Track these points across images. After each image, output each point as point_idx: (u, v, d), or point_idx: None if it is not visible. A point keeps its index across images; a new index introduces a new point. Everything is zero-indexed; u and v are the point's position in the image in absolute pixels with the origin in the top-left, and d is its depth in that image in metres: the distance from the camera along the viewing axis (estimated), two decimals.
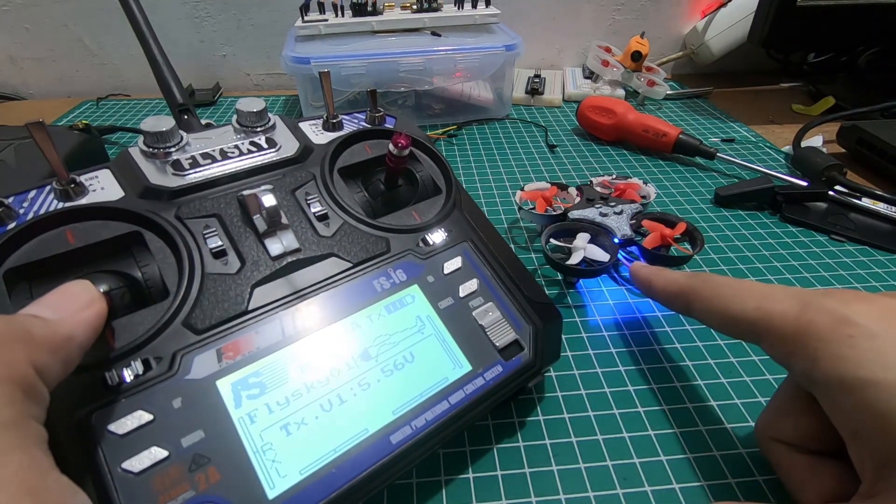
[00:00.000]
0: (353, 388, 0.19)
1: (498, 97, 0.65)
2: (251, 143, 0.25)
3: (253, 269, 0.21)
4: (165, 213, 0.21)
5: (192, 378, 0.18)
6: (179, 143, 0.24)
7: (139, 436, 0.16)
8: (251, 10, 0.71)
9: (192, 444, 0.17)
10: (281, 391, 0.18)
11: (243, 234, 0.22)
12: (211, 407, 0.17)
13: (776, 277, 0.37)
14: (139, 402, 0.17)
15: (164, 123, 0.23)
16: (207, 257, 0.21)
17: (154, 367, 0.18)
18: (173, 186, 0.22)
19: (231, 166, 0.24)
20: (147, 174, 0.22)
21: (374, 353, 0.20)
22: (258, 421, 0.18)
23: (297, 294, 0.21)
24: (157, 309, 0.19)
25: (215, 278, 0.20)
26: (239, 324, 0.19)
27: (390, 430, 0.19)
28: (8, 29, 0.69)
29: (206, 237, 0.21)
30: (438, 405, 0.20)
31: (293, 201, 0.23)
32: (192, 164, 0.23)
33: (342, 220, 0.24)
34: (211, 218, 0.22)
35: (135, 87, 0.73)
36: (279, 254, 0.21)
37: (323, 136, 0.27)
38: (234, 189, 0.23)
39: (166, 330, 0.19)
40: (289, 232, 0.22)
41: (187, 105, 0.31)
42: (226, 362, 0.18)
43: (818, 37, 0.62)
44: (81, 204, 0.21)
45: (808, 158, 0.49)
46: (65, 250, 0.19)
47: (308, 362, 0.19)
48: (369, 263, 0.23)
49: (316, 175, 0.25)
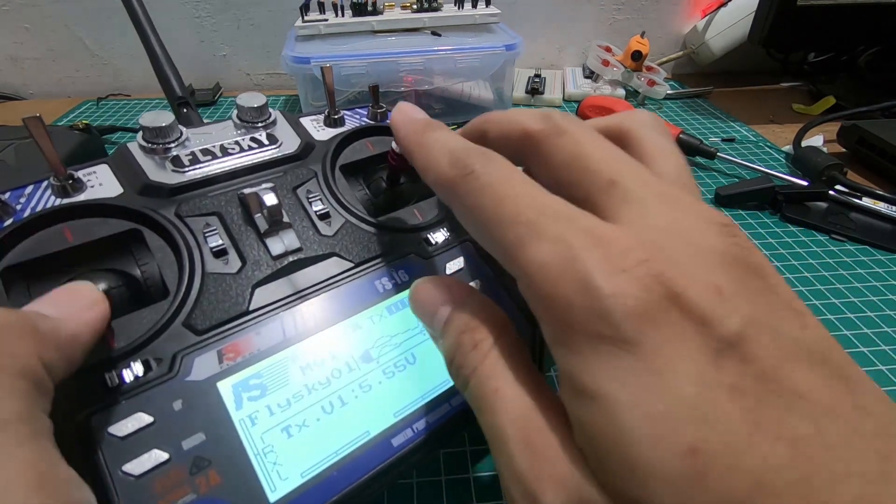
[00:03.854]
0: (354, 390, 0.19)
1: (498, 97, 0.65)
2: (252, 139, 0.25)
3: (254, 269, 0.21)
4: (165, 210, 0.21)
5: (192, 379, 0.18)
6: (179, 139, 0.23)
7: (139, 438, 0.16)
8: (251, 10, 0.71)
9: (193, 446, 0.16)
10: (282, 393, 0.18)
11: (244, 233, 0.21)
12: (212, 409, 0.17)
13: None
14: (139, 404, 0.17)
15: (164, 118, 0.23)
16: (208, 256, 0.20)
17: (154, 368, 0.17)
18: (173, 183, 0.22)
19: (232, 163, 0.23)
20: (146, 170, 0.22)
21: (375, 354, 0.20)
22: (259, 423, 0.17)
23: (298, 294, 0.21)
24: (157, 309, 0.19)
25: (216, 278, 0.20)
26: (240, 324, 0.19)
27: (392, 433, 0.19)
28: (8, 29, 0.69)
29: (206, 236, 0.21)
30: (440, 407, 0.20)
31: (294, 199, 0.23)
32: (192, 161, 0.23)
33: (344, 219, 0.23)
34: (211, 216, 0.21)
35: (135, 87, 0.73)
36: (280, 253, 0.21)
37: (324, 132, 0.27)
38: (235, 186, 0.23)
39: (166, 330, 0.18)
40: (290, 231, 0.22)
41: (186, 99, 0.30)
42: (227, 363, 0.18)
43: (818, 36, 0.62)
44: (79, 200, 0.20)
45: (808, 158, 0.49)
46: (63, 248, 0.19)
47: (309, 364, 0.19)
48: (371, 263, 0.22)
49: (318, 173, 0.24)
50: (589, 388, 0.11)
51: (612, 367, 0.10)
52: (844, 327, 0.33)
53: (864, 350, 0.31)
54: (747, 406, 0.10)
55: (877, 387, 0.10)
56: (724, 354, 0.10)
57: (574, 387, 0.11)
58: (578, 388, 0.11)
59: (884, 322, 0.33)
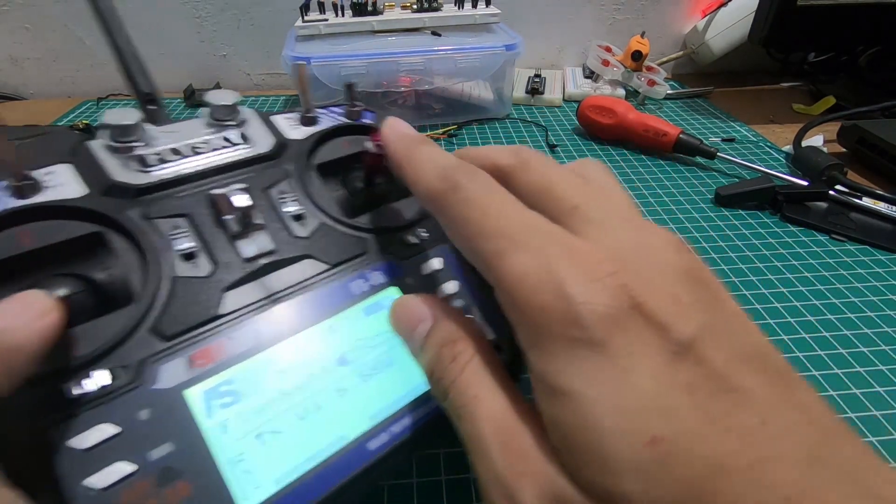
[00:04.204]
0: (329, 395, 0.19)
1: (498, 97, 0.65)
2: (223, 137, 0.24)
3: (225, 272, 0.20)
4: (131, 212, 0.20)
5: (160, 387, 0.17)
6: (146, 138, 0.22)
7: (103, 450, 0.15)
8: (251, 10, 0.71)
9: (161, 456, 0.16)
10: (254, 399, 0.18)
11: (214, 235, 0.21)
12: (180, 417, 0.17)
13: (776, 277, 0.37)
14: (103, 415, 0.16)
15: (129, 116, 0.22)
16: (177, 259, 0.20)
17: (119, 376, 0.17)
18: (139, 184, 0.21)
19: (201, 163, 0.22)
20: (111, 170, 0.21)
21: (351, 357, 0.20)
22: (230, 431, 0.17)
23: (271, 297, 0.20)
24: (123, 315, 0.18)
25: (185, 282, 0.19)
26: (210, 329, 0.19)
27: (368, 437, 0.18)
28: (8, 29, 0.69)
29: (174, 238, 0.20)
30: (417, 410, 0.19)
31: (267, 200, 0.22)
32: (159, 160, 0.22)
33: (319, 220, 0.23)
34: (180, 218, 0.21)
35: None
36: (253, 255, 0.21)
37: (299, 130, 0.26)
38: (205, 187, 0.22)
39: (132, 337, 0.17)
40: (263, 233, 0.21)
41: (154, 95, 0.29)
42: (196, 370, 0.18)
43: (818, 36, 0.62)
44: (37, 202, 0.19)
45: (808, 158, 0.49)
46: (18, 253, 0.18)
47: (283, 368, 0.19)
48: (347, 265, 0.22)
49: (291, 172, 0.24)
50: (562, 386, 0.12)
51: (582, 367, 0.12)
52: (844, 327, 0.33)
53: (864, 350, 0.31)
54: (701, 401, 0.11)
55: (810, 386, 0.12)
56: (680, 356, 0.11)
57: (548, 387, 0.12)
58: (552, 388, 0.12)
59: (884, 322, 0.33)
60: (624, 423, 0.11)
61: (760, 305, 0.35)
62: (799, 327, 0.33)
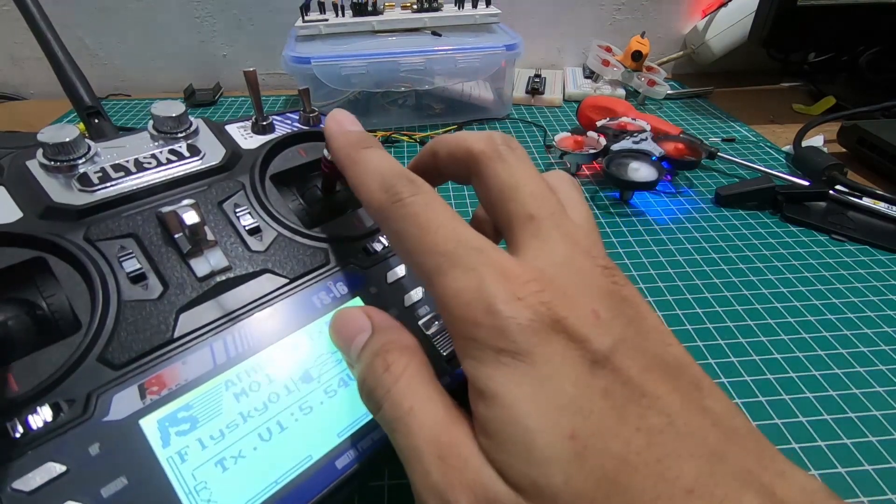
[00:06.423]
0: (294, 413, 0.18)
1: (498, 97, 0.65)
2: (170, 151, 0.23)
3: (177, 293, 0.19)
4: (72, 235, 0.19)
5: (110, 419, 0.16)
6: (87, 154, 0.21)
7: (50, 491, 0.14)
8: (251, 10, 0.71)
9: (114, 493, 0.15)
10: (214, 424, 0.17)
11: (165, 255, 0.20)
12: (134, 450, 0.16)
13: (776, 277, 0.37)
14: (48, 453, 0.15)
15: (67, 133, 0.20)
16: (124, 282, 0.19)
17: (65, 410, 0.16)
18: (80, 204, 0.20)
19: (148, 179, 0.21)
20: (49, 191, 0.20)
21: (315, 373, 0.19)
22: (189, 459, 0.16)
23: (228, 316, 0.19)
24: (68, 344, 0.17)
25: (134, 305, 0.18)
26: (163, 354, 0.18)
27: (335, 455, 0.18)
28: (8, 29, 0.69)
29: (121, 260, 0.19)
30: None
31: (221, 215, 0.21)
32: (102, 178, 0.21)
33: (276, 233, 0.22)
34: (126, 238, 0.20)
35: (135, 87, 0.73)
36: (206, 274, 0.20)
37: (252, 139, 0.25)
38: (153, 204, 0.21)
39: (79, 368, 0.17)
40: (216, 249, 0.20)
41: (97, 108, 0.27)
42: (150, 398, 0.17)
43: (818, 37, 0.62)
44: None
45: (808, 158, 0.49)
46: None
47: (244, 390, 0.18)
48: (307, 278, 0.21)
49: (245, 184, 0.23)
50: (491, 389, 0.13)
51: (509, 373, 0.13)
52: (844, 327, 0.33)
53: (864, 350, 0.31)
54: (615, 404, 0.12)
55: (723, 393, 0.13)
56: (598, 365, 0.13)
57: (479, 391, 0.13)
58: (482, 391, 0.13)
59: (884, 322, 0.33)
60: (546, 419, 0.12)
61: (760, 305, 0.35)
62: (799, 327, 0.33)
